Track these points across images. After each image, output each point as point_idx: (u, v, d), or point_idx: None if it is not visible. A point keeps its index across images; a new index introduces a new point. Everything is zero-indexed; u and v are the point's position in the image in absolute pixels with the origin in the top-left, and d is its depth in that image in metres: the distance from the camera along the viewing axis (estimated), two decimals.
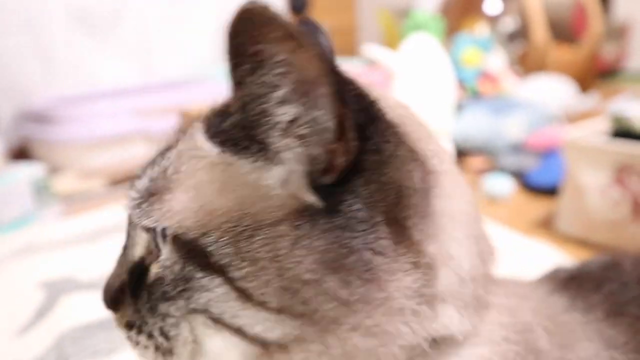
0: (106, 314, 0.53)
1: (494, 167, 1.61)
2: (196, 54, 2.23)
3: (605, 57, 2.97)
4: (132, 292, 0.31)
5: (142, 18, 2.08)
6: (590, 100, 2.17)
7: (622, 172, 1.12)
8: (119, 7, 2.02)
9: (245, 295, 0.26)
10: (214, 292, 0.27)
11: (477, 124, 1.65)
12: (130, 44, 2.06)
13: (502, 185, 1.42)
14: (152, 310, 0.30)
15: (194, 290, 0.27)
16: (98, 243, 0.69)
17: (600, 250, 1.05)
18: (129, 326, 0.32)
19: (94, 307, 0.52)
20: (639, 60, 3.19)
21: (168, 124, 1.63)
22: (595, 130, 1.27)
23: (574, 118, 1.95)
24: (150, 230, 0.29)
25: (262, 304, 0.26)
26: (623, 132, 1.20)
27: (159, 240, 0.29)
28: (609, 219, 1.15)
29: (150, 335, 0.31)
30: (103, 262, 0.38)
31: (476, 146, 1.64)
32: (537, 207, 1.38)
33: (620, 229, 1.13)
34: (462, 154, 1.69)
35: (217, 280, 0.27)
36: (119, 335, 0.47)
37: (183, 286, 0.28)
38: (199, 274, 0.27)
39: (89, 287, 0.56)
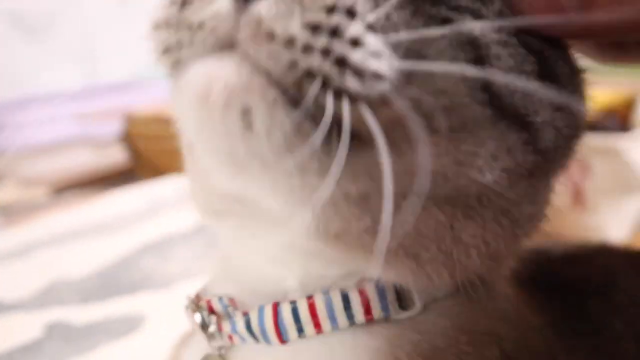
0: (34, 338, 0.51)
1: None
2: (140, 55, 2.17)
3: None
4: None
5: (81, 18, 2.01)
6: None
7: None
8: (56, 6, 1.94)
9: None
10: None
11: None
12: (70, 45, 1.98)
13: None
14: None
15: None
16: (31, 259, 0.66)
17: (543, 238, 1.08)
18: (330, 12, 0.19)
19: (20, 331, 0.50)
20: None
21: (112, 129, 1.59)
22: None
23: None
24: None
25: None
26: None
27: None
28: (553, 206, 1.19)
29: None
30: (30, 281, 0.36)
31: None
32: None
33: (561, 216, 1.17)
34: None
35: None
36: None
37: None
38: None
39: (14, 309, 0.54)
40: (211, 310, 0.28)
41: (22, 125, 1.62)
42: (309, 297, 0.26)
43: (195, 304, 0.30)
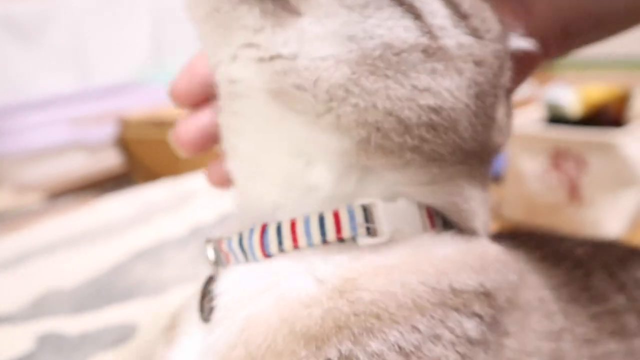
0: (26, 351, 0.50)
1: None
2: (133, 57, 2.16)
3: None
4: None
5: (73, 21, 2.00)
6: (527, 88, 2.24)
7: (558, 158, 1.16)
8: (48, 10, 1.92)
9: None
10: None
11: None
12: (62, 49, 1.97)
13: None
14: None
15: None
16: (23, 269, 0.65)
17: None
18: None
19: (11, 344, 0.49)
20: None
21: (106, 133, 1.58)
22: (532, 118, 1.31)
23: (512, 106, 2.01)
24: None
25: None
26: (557, 118, 1.24)
27: None
28: (548, 202, 1.19)
29: None
30: (22, 292, 0.35)
31: None
32: None
33: (558, 211, 1.17)
34: None
35: None
36: None
37: None
38: None
39: (6, 321, 0.53)
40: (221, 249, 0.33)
41: (15, 130, 1.61)
42: (292, 220, 0.30)
43: (214, 241, 0.34)
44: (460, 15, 0.29)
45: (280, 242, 0.30)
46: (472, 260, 0.30)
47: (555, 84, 1.57)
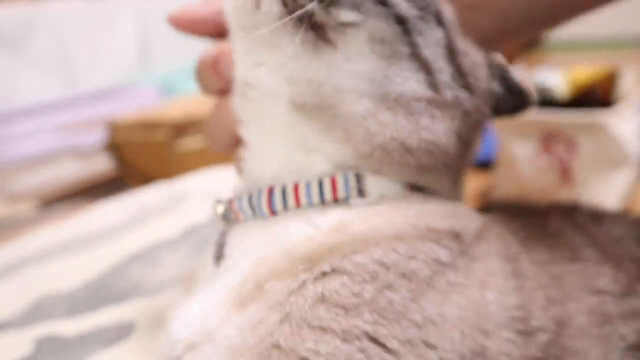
0: (25, 355, 0.50)
1: None
2: (120, 61, 2.15)
3: None
4: None
5: (58, 26, 1.98)
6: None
7: (548, 141, 1.17)
8: (31, 16, 1.91)
9: None
10: None
11: None
12: (48, 55, 1.96)
13: None
14: None
15: None
16: (19, 276, 0.65)
17: None
18: None
19: (9, 349, 0.49)
20: (560, 31, 3.34)
21: (96, 138, 1.57)
22: None
23: None
24: None
25: None
26: (546, 100, 1.25)
27: None
28: (540, 185, 1.20)
29: None
30: (18, 298, 0.35)
31: None
32: (475, 180, 1.42)
33: (550, 194, 1.18)
34: None
35: None
36: None
37: None
38: None
39: (3, 327, 0.53)
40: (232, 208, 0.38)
41: (4, 139, 1.60)
42: (295, 183, 0.36)
43: (225, 201, 0.39)
44: (461, 74, 0.36)
45: (284, 202, 0.35)
46: (445, 212, 0.36)
47: (542, 67, 1.58)
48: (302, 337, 0.28)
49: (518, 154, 1.21)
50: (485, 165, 1.45)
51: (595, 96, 1.26)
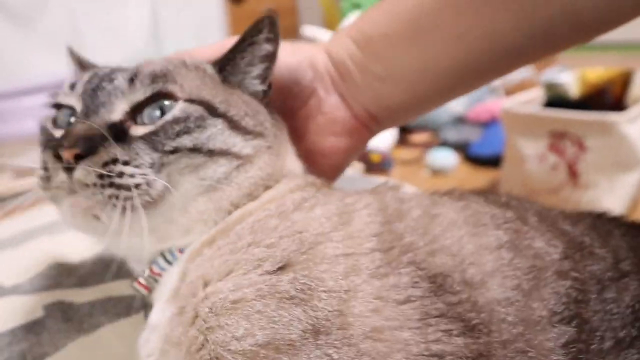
0: (35, 317, 0.51)
1: (437, 141, 1.64)
2: (131, 40, 2.14)
3: None
4: (116, 139, 0.40)
5: (70, 3, 1.98)
6: (526, 71, 2.23)
7: (556, 139, 1.17)
8: None
9: (236, 127, 0.44)
10: (216, 128, 0.43)
11: None
12: (59, 33, 1.95)
13: (446, 158, 1.45)
14: (157, 145, 0.41)
15: (204, 127, 0.43)
16: (29, 246, 0.66)
17: None
18: (105, 165, 0.39)
19: (21, 312, 0.49)
20: None
21: None
22: (531, 100, 1.31)
23: (511, 90, 2.01)
24: (163, 95, 0.43)
25: (245, 130, 0.45)
26: (556, 100, 1.24)
27: (169, 102, 0.43)
28: (548, 184, 1.19)
29: (132, 176, 0.39)
30: (29, 266, 0.36)
31: (419, 121, 1.67)
32: (481, 177, 1.42)
33: (557, 193, 1.18)
34: (405, 129, 1.71)
35: (219, 121, 0.44)
36: (49, 337, 0.46)
37: (199, 123, 0.43)
38: (208, 118, 0.43)
39: (14, 292, 0.53)
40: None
41: (13, 116, 1.60)
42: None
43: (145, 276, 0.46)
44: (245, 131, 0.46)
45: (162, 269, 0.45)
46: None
47: (554, 67, 1.57)
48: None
49: (526, 151, 1.20)
50: (492, 161, 1.45)
51: (607, 97, 1.25)
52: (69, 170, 0.38)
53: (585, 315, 0.35)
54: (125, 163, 0.39)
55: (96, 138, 0.39)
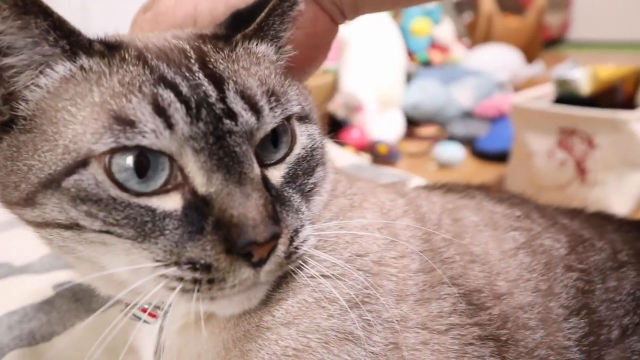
0: (45, 297, 0.51)
1: (445, 135, 1.63)
2: None
3: (549, 27, 3.05)
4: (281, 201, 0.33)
5: None
6: (536, 68, 2.22)
7: (565, 135, 1.16)
8: None
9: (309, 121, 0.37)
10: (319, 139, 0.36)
11: (427, 93, 1.67)
12: (70, 16, 1.95)
13: (453, 152, 1.45)
14: (308, 194, 0.35)
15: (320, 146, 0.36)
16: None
17: None
18: (291, 242, 0.32)
19: (31, 291, 0.50)
20: (581, 30, 3.30)
21: None
22: (540, 96, 1.30)
23: (520, 85, 2.00)
24: (287, 119, 0.33)
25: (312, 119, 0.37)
26: (566, 97, 1.23)
27: (295, 124, 0.35)
28: (556, 180, 1.19)
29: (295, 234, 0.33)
30: (39, 245, 0.36)
31: (427, 115, 1.66)
32: (488, 172, 1.42)
33: (565, 189, 1.17)
34: (412, 123, 1.70)
35: (313, 127, 0.36)
36: (58, 316, 0.46)
37: (319, 142, 0.35)
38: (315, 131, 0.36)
39: (23, 272, 0.53)
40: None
41: None
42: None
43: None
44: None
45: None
46: None
47: (565, 63, 1.56)
48: None
49: (534, 147, 1.20)
50: (499, 156, 1.44)
51: (618, 95, 1.24)
52: (259, 264, 0.30)
53: (592, 305, 0.36)
54: (299, 227, 0.33)
55: (272, 213, 0.30)
